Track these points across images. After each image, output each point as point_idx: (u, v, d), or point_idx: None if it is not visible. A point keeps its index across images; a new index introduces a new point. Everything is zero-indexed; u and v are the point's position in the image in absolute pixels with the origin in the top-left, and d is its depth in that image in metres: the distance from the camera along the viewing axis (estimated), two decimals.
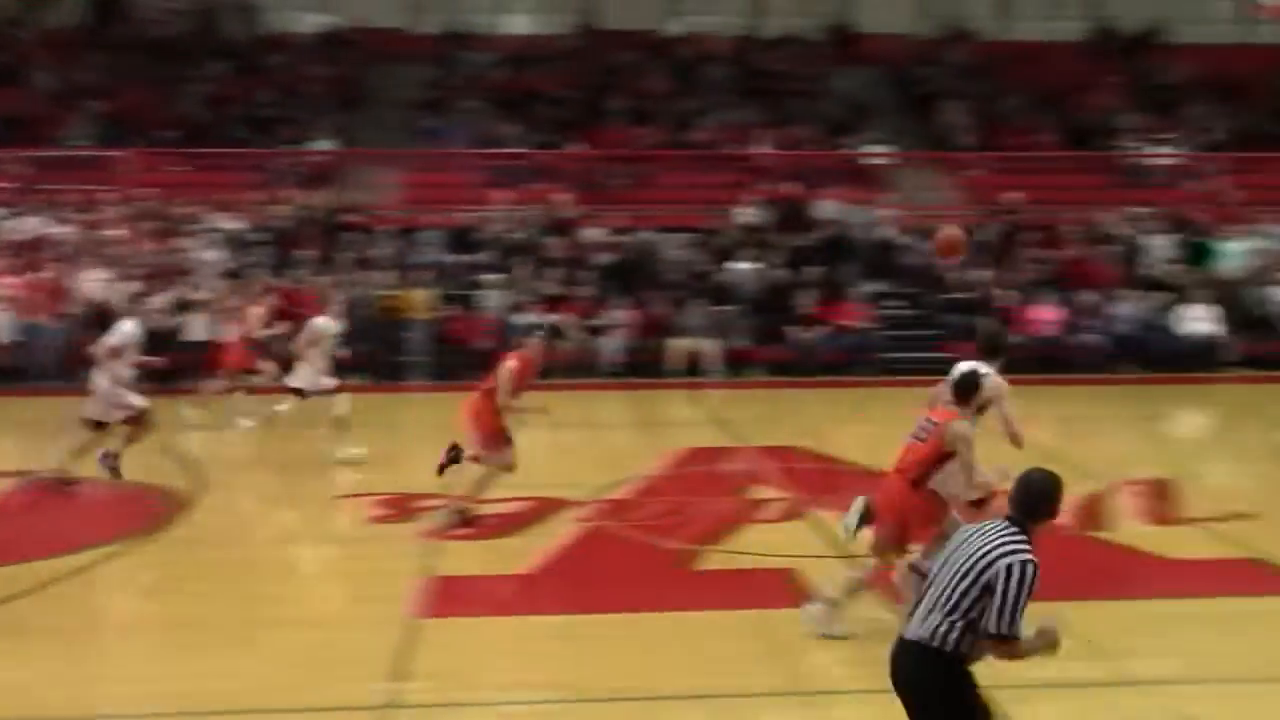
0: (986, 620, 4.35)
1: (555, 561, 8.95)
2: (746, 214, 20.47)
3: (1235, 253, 19.96)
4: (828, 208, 20.67)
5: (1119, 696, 6.47)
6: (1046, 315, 18.87)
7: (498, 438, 9.74)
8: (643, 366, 18.29)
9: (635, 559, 9.16)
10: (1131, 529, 10.04)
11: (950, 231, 9.05)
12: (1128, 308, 19.15)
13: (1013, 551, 4.39)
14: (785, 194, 20.78)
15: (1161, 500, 10.93)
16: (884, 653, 4.68)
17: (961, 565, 4.47)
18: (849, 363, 18.69)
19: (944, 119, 24.16)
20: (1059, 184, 22.23)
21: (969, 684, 4.51)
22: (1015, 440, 7.46)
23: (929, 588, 4.61)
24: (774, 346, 18.86)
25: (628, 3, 26.71)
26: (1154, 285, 19.61)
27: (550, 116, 23.29)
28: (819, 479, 11.57)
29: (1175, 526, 10.05)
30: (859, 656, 6.84)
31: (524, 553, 9.08)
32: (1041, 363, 18.18)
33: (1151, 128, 23.61)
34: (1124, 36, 27.15)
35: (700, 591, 8.36)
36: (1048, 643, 4.44)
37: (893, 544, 7.11)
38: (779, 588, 8.16)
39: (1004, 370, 7.68)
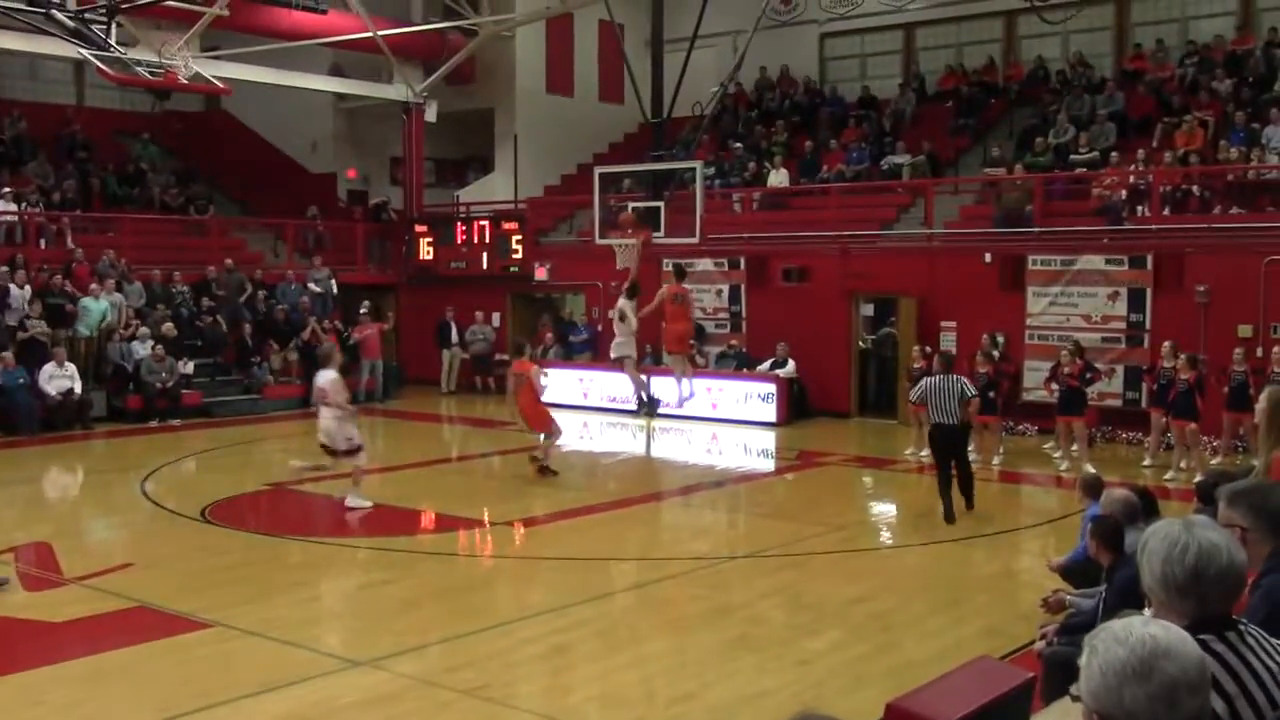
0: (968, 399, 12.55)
1: None
2: None
3: (95, 309, 20.24)
4: None
5: None
6: None
7: None
8: None
9: None
10: (12, 599, 9.65)
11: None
12: None
13: (959, 376, 12.75)
14: None
15: (42, 565, 10.68)
16: None
17: (950, 392, 12.21)
18: None
19: None
20: None
21: None
22: None
23: (932, 407, 12.35)
24: None
25: None
26: (14, 345, 19.05)
27: None
28: None
29: (59, 589, 9.90)
30: None
31: None
32: None
33: None
34: None
35: None
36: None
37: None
38: None
39: None
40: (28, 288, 19.84)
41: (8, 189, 22.70)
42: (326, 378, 13.01)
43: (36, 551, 11.16)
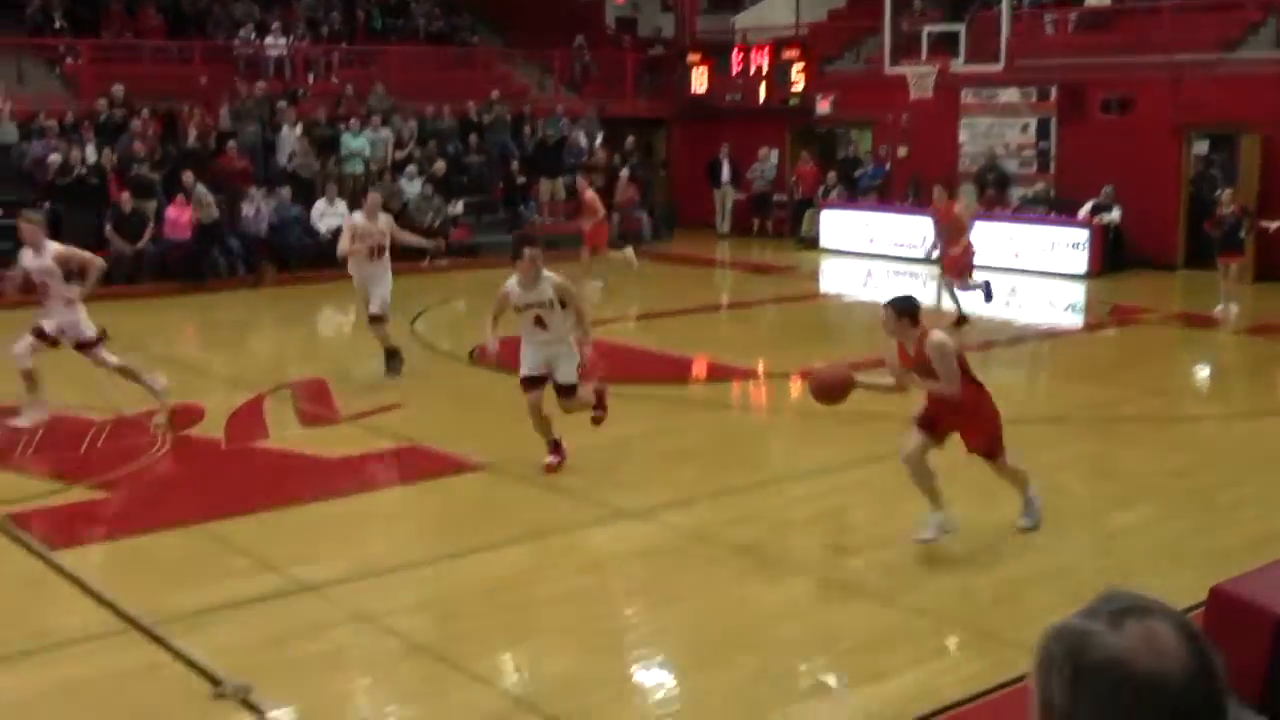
0: None
1: None
2: None
3: (362, 146, 21.23)
4: None
5: (295, 605, 6.72)
6: (181, 216, 18.61)
7: None
8: None
9: None
10: (290, 433, 10.47)
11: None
12: (262, 206, 19.57)
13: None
14: None
15: (319, 401, 11.50)
16: None
17: None
18: None
19: (32, 2, 22.61)
20: (168, 75, 22.01)
21: None
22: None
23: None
24: None
25: None
26: (286, 181, 20.25)
27: None
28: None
29: (333, 426, 10.65)
30: None
31: None
32: (175, 269, 18.10)
33: (263, 17, 24.15)
34: None
35: None
36: None
37: None
38: None
39: None
40: (299, 125, 20.97)
41: (277, 23, 23.89)
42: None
43: (313, 388, 12.00)
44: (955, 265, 14.95)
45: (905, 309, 7.20)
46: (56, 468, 9.24)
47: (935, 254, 15.56)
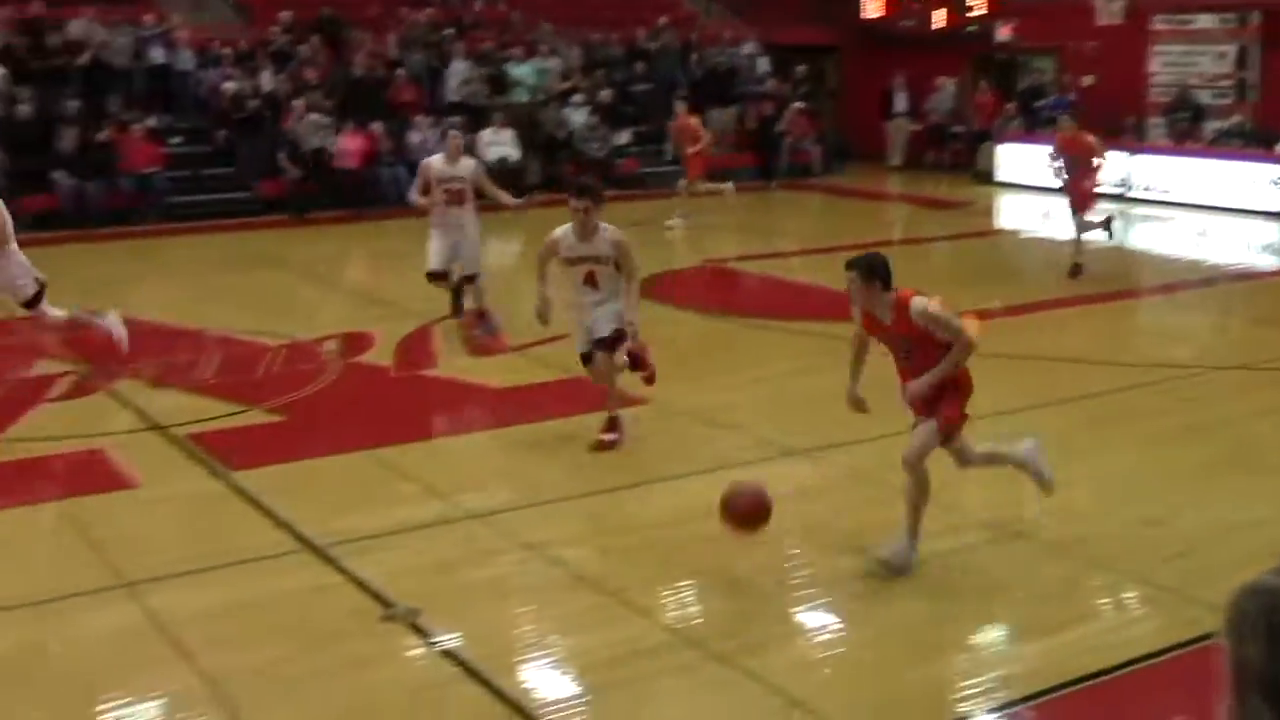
0: None
1: None
2: None
3: (528, 75, 21.43)
4: (79, 27, 19.31)
5: (461, 532, 6.93)
6: (352, 145, 19.08)
7: None
8: None
9: None
10: (458, 362, 10.73)
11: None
12: (427, 135, 19.90)
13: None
14: (30, 14, 19.10)
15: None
16: None
17: None
18: (129, 210, 17.80)
19: None
20: (337, 1, 22.47)
21: None
22: None
23: None
24: (34, 195, 17.28)
25: None
26: (452, 110, 20.54)
27: None
28: (112, 345, 11.00)
29: (501, 356, 10.88)
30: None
31: None
32: (345, 196, 18.59)
33: None
34: None
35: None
36: None
37: None
38: (90, 471, 7.83)
39: None
40: (470, 61, 21.22)
41: None
42: None
43: (480, 318, 12.22)
44: (1081, 197, 14.27)
45: (876, 270, 6.20)
46: (234, 391, 9.65)
47: (1060, 181, 14.79)
